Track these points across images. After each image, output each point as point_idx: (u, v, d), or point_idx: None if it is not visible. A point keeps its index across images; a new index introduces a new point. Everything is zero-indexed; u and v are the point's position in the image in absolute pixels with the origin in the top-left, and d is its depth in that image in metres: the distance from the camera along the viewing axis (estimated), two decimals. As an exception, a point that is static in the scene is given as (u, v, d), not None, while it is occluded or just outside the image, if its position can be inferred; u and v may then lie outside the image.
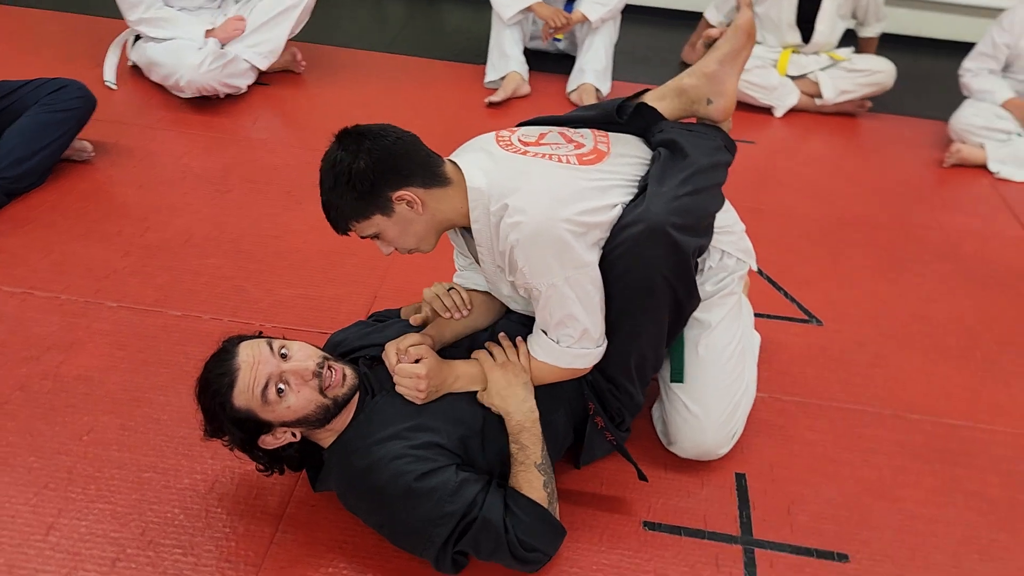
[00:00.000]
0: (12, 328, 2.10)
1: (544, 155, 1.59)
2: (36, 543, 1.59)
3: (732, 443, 1.88)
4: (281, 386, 1.45)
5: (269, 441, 1.50)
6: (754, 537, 1.74)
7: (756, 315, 2.10)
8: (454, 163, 1.59)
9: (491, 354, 1.66)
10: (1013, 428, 2.07)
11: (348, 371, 1.55)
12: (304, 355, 1.51)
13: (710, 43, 1.81)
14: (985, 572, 1.70)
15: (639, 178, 1.64)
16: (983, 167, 3.34)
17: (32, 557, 1.56)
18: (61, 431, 1.83)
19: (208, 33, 3.28)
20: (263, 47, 3.39)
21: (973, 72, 3.48)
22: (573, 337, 1.57)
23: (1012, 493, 1.89)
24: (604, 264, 1.55)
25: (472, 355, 1.68)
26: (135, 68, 3.47)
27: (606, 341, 1.63)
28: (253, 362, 1.46)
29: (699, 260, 1.70)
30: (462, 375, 1.64)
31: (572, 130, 1.73)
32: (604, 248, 1.55)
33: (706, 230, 1.66)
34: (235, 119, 3.25)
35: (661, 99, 1.79)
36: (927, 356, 2.30)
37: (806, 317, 2.41)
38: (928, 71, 4.25)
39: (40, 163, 2.62)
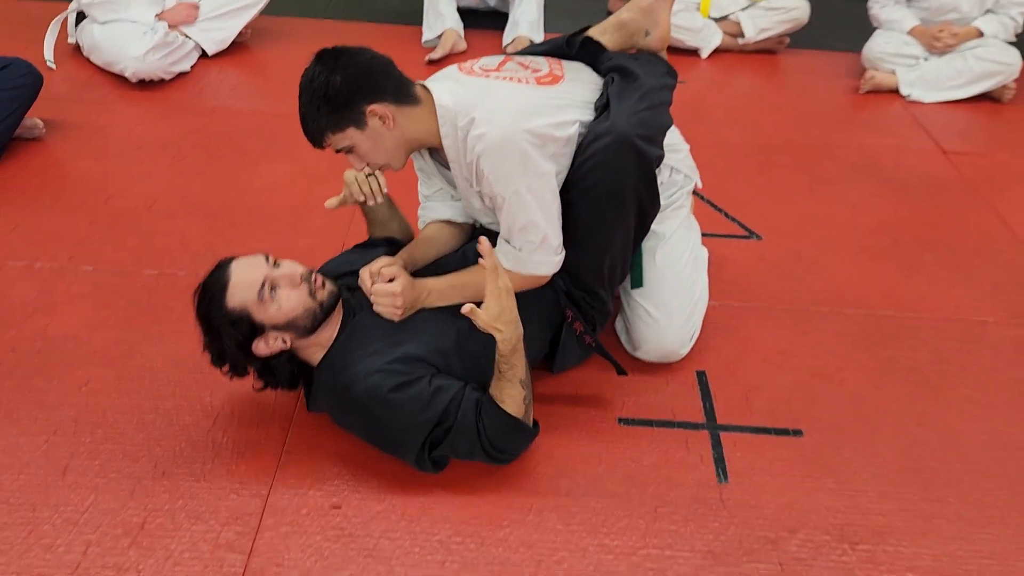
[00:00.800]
0: (-7, 296, 2.15)
1: (505, 78, 1.73)
2: (54, 483, 1.67)
3: (691, 343, 2.06)
4: (273, 288, 1.58)
5: (261, 348, 1.62)
6: (718, 422, 1.92)
7: (702, 235, 2.28)
8: (423, 86, 1.71)
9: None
10: (935, 313, 2.30)
11: (328, 281, 1.68)
12: (292, 265, 1.65)
13: None
14: (922, 435, 1.91)
15: (593, 100, 1.78)
16: (895, 91, 3.59)
17: (52, 495, 1.64)
18: (59, 385, 1.90)
19: (159, 16, 3.30)
20: (216, 34, 3.47)
21: (880, 3, 3.71)
22: (534, 243, 1.70)
23: (940, 367, 2.11)
24: (575, 176, 1.69)
25: (464, 310, 1.66)
26: (76, 48, 3.46)
27: (563, 251, 1.76)
28: (248, 267, 1.60)
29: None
30: (433, 290, 1.76)
31: (529, 58, 1.86)
32: (574, 162, 1.69)
33: (661, 144, 1.81)
34: (182, 91, 3.29)
35: (603, 33, 1.94)
36: (857, 258, 2.51)
37: (746, 233, 2.61)
38: (838, 6, 4.48)
39: (-7, 142, 2.64)
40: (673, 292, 1.98)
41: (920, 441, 1.89)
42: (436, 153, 1.78)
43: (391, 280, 1.70)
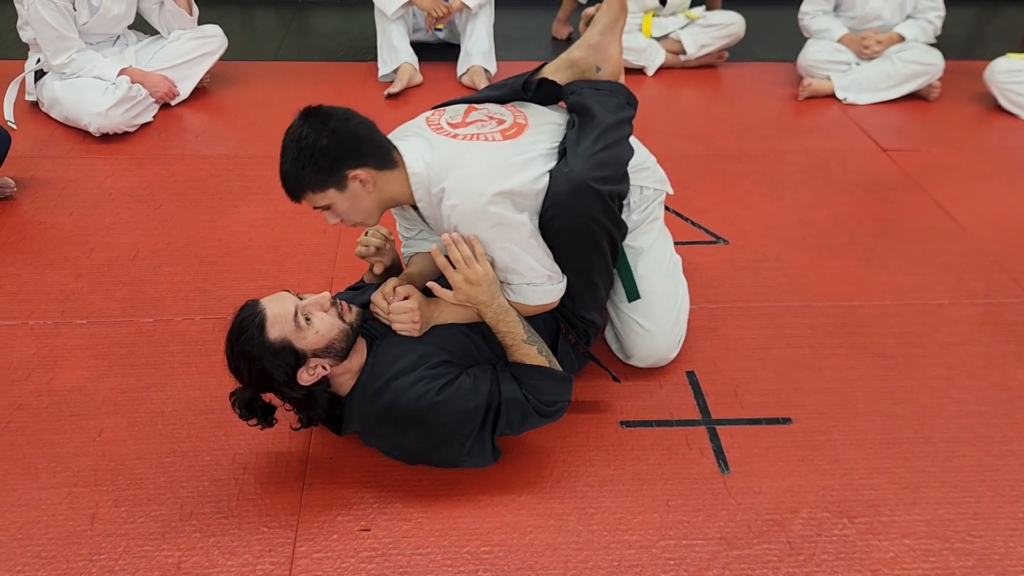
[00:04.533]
0: (-9, 357, 2.16)
1: (471, 136, 1.80)
2: (84, 533, 1.69)
3: (679, 347, 2.18)
4: (307, 315, 1.65)
5: (305, 376, 1.67)
6: (713, 418, 2.03)
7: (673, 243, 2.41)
8: (395, 149, 1.77)
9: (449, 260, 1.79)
10: (896, 299, 2.47)
11: (352, 305, 1.75)
12: (317, 295, 1.71)
13: (589, 20, 2.07)
14: (898, 412, 2.05)
15: (559, 143, 1.86)
16: (832, 96, 3.82)
17: (84, 546, 1.67)
18: (73, 437, 1.92)
19: (122, 71, 3.34)
20: (182, 84, 3.51)
21: (810, 15, 3.95)
22: (534, 281, 1.82)
23: (907, 349, 2.27)
24: (544, 220, 1.78)
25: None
26: (34, 105, 3.46)
27: (564, 277, 1.87)
28: (279, 301, 1.66)
29: (623, 202, 1.96)
30: (446, 308, 1.84)
31: (494, 106, 1.94)
32: (541, 210, 1.78)
33: (622, 178, 1.90)
34: (147, 141, 3.31)
35: (556, 71, 2.01)
36: (818, 254, 2.68)
37: (713, 239, 2.75)
38: (771, 20, 4.73)
39: (-33, 203, 2.64)
40: (659, 301, 2.09)
41: (897, 417, 2.04)
42: (414, 207, 1.86)
43: (406, 298, 1.78)
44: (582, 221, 1.80)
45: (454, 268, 1.75)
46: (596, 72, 2.01)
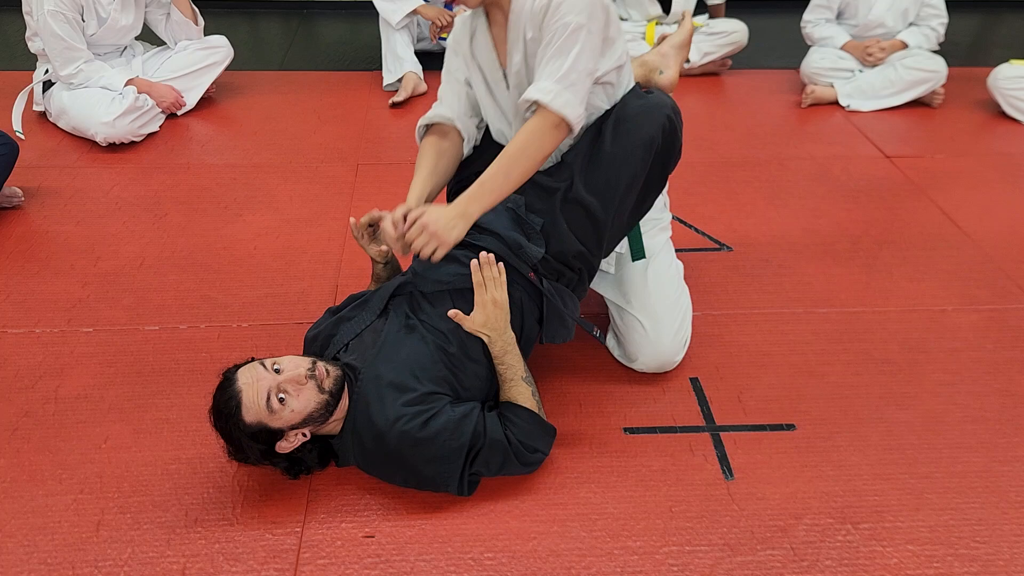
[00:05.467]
0: (-2, 365, 2.17)
1: None
2: (89, 539, 1.70)
3: (684, 350, 2.17)
4: (281, 395, 1.65)
5: (284, 446, 1.70)
6: (716, 424, 2.03)
7: (677, 250, 2.40)
8: None
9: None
10: (899, 306, 2.47)
11: (330, 366, 1.74)
12: (294, 364, 1.69)
13: (662, 39, 2.31)
14: (902, 418, 2.05)
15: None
16: (835, 103, 3.83)
17: (90, 552, 1.68)
18: (79, 444, 1.93)
19: (129, 81, 3.36)
20: (189, 94, 3.54)
21: (813, 23, 3.96)
22: (571, 80, 1.73)
23: (911, 355, 2.27)
24: (618, 116, 1.85)
25: (450, 314, 1.79)
26: (41, 115, 3.50)
27: (585, 115, 1.81)
28: (252, 382, 1.65)
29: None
30: (470, 197, 1.76)
31: None
32: (617, 103, 1.87)
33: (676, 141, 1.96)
34: (153, 150, 3.34)
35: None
36: (822, 261, 2.68)
37: (717, 245, 2.76)
38: (774, 28, 4.74)
39: (-26, 213, 2.66)
40: (665, 303, 2.10)
41: (901, 423, 2.03)
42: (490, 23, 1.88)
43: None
44: (649, 134, 1.83)
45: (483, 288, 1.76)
46: (659, 75, 2.19)
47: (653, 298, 2.08)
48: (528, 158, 1.77)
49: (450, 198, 1.97)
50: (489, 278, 1.77)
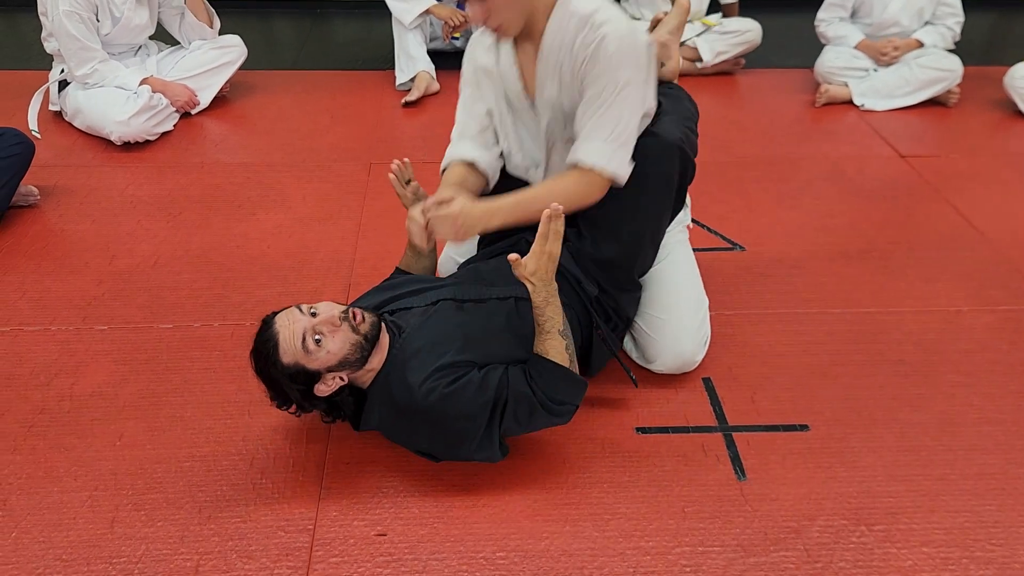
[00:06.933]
0: (14, 362, 2.19)
1: None
2: (104, 536, 1.71)
3: (704, 350, 2.17)
4: (318, 336, 1.66)
5: (322, 389, 1.71)
6: (729, 424, 2.03)
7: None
8: None
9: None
10: (914, 307, 2.45)
11: (366, 313, 1.75)
12: (329, 308, 1.72)
13: (656, 23, 2.18)
14: (917, 419, 2.04)
15: None
16: (849, 102, 3.81)
17: (104, 549, 1.69)
18: (94, 441, 1.94)
19: (144, 81, 3.38)
20: (203, 94, 3.55)
21: (827, 22, 3.94)
22: (620, 139, 1.78)
23: (925, 356, 2.25)
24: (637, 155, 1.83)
25: (510, 257, 1.75)
26: (57, 114, 3.53)
27: (631, 166, 1.84)
28: (289, 323, 1.68)
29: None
30: (500, 208, 1.79)
31: None
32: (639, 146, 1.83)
33: (693, 157, 1.99)
34: (167, 149, 3.36)
35: None
36: (835, 261, 2.67)
37: (730, 245, 2.75)
38: (788, 27, 4.72)
39: (-8, 211, 2.68)
40: (685, 302, 2.10)
41: (915, 424, 2.02)
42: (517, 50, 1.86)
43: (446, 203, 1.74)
44: (666, 173, 1.85)
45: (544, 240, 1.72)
46: (660, 67, 2.09)
47: (672, 298, 2.08)
48: (568, 203, 1.77)
49: None
50: (553, 231, 1.70)
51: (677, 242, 2.12)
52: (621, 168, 1.81)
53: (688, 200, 2.20)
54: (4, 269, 2.57)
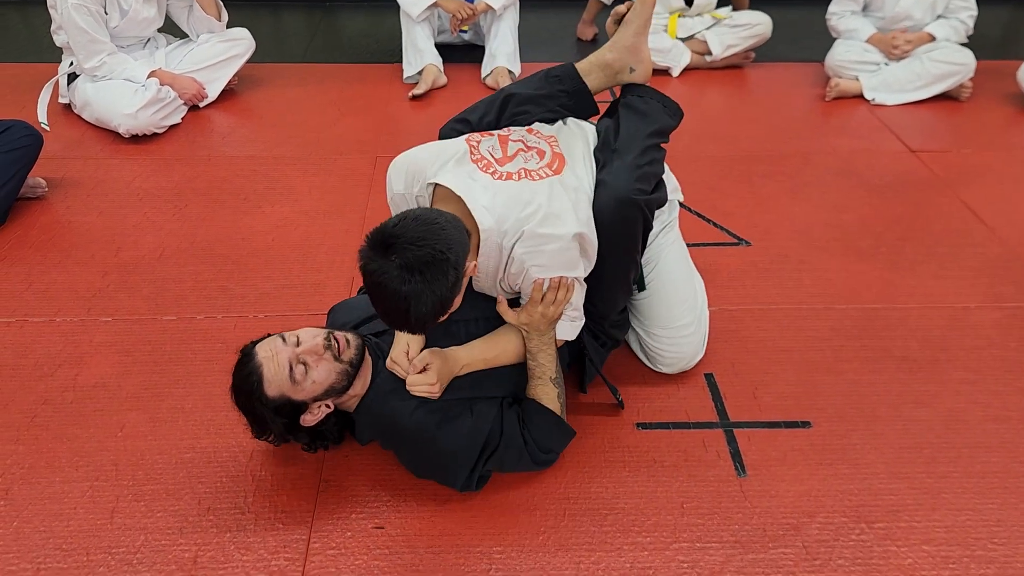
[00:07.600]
0: (19, 353, 2.20)
1: (521, 174, 1.75)
2: (104, 526, 1.72)
3: (704, 348, 2.16)
4: (302, 366, 1.64)
5: (308, 419, 1.70)
6: (730, 420, 2.01)
7: (694, 245, 2.39)
8: (444, 187, 1.69)
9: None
10: (921, 303, 2.43)
11: (350, 336, 1.72)
12: (311, 335, 1.68)
13: (619, 19, 1.99)
14: (920, 416, 2.02)
15: (593, 167, 1.85)
16: (860, 96, 3.77)
17: (104, 538, 1.70)
18: (95, 432, 1.95)
19: (152, 74, 3.40)
20: (211, 87, 3.57)
21: (838, 15, 3.89)
22: (571, 318, 1.82)
23: (931, 353, 2.23)
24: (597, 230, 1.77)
25: (499, 308, 1.78)
26: (66, 107, 3.55)
27: (583, 317, 1.86)
28: (272, 354, 1.65)
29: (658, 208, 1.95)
30: (468, 364, 1.76)
31: (528, 135, 1.88)
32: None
33: (658, 187, 1.90)
34: (175, 142, 3.37)
35: (588, 74, 1.97)
36: (843, 257, 2.64)
37: (736, 240, 2.73)
38: (798, 20, 4.68)
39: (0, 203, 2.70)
40: (680, 303, 2.08)
41: (919, 421, 2.00)
42: None
43: (425, 368, 1.69)
44: (627, 232, 1.80)
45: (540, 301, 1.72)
46: (630, 73, 1.98)
47: (665, 309, 2.07)
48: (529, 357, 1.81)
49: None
50: (552, 301, 1.71)
51: (667, 243, 2.07)
52: (571, 333, 1.85)
53: (677, 183, 2.12)
54: (11, 260, 2.58)
